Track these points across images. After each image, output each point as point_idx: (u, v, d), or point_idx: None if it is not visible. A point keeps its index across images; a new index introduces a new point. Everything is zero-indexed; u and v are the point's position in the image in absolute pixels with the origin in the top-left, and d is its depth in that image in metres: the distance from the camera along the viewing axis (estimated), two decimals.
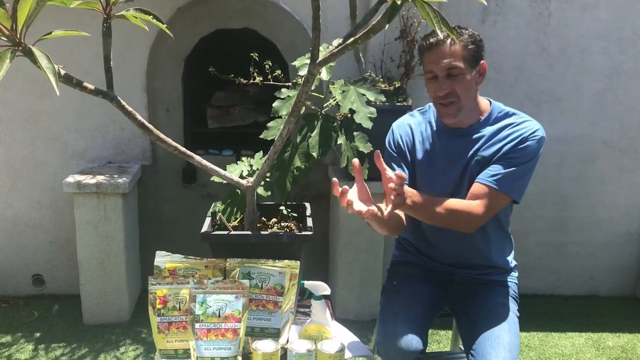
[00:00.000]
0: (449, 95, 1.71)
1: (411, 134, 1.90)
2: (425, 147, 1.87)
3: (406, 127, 1.93)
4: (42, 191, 3.31)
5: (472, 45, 1.71)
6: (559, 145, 3.34)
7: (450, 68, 1.69)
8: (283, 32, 3.17)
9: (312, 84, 1.50)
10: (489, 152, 1.77)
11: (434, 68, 1.71)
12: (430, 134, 1.87)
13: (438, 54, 1.69)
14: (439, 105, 1.76)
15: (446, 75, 1.70)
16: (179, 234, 3.39)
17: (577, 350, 2.98)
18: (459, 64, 1.69)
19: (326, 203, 3.39)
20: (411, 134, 1.90)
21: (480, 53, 1.74)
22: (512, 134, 1.75)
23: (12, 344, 2.92)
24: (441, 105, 1.75)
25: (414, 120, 1.93)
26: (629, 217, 3.50)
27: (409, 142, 1.90)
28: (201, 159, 1.61)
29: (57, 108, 3.21)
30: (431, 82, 1.75)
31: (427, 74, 1.75)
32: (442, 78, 1.71)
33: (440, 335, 3.06)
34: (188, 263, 1.60)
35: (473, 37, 1.72)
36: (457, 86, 1.70)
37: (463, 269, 1.93)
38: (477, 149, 1.78)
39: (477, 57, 1.73)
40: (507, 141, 1.75)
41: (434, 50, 1.70)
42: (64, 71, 1.31)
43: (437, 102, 1.76)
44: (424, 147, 1.87)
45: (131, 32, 3.03)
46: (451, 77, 1.70)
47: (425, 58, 1.74)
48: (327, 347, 1.44)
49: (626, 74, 3.29)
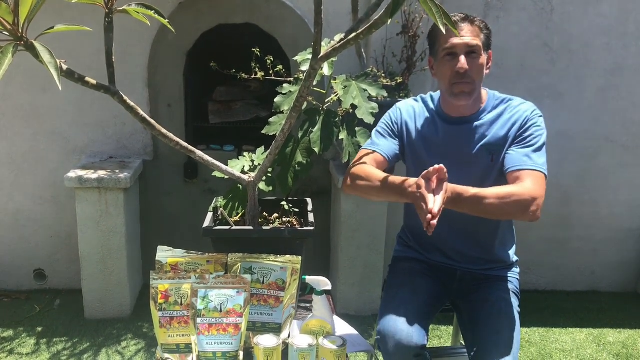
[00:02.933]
0: (467, 75, 1.72)
1: (414, 117, 1.92)
2: (426, 132, 1.88)
3: (410, 110, 1.94)
4: (44, 186, 3.31)
5: (486, 30, 1.77)
6: (561, 141, 3.33)
7: (471, 45, 1.72)
8: (285, 27, 3.16)
9: (314, 79, 1.50)
10: (497, 137, 1.79)
11: (454, 44, 1.72)
12: (432, 120, 1.89)
13: (459, 31, 1.71)
14: (454, 85, 1.75)
15: (466, 52, 1.72)
16: (181, 229, 3.40)
17: (578, 346, 2.98)
18: (478, 43, 1.73)
19: (328, 198, 3.39)
20: (414, 117, 1.92)
21: (490, 40, 1.79)
22: (514, 116, 1.79)
23: (14, 338, 2.93)
24: (457, 84, 1.74)
25: (418, 105, 1.95)
26: (630, 213, 3.50)
27: (410, 124, 1.91)
28: (203, 154, 1.61)
29: (59, 103, 3.21)
30: (448, 60, 1.75)
31: (443, 52, 1.75)
32: (462, 55, 1.72)
33: (442, 330, 3.07)
34: (190, 258, 1.61)
35: (485, 23, 1.78)
36: (474, 65, 1.73)
37: (465, 264, 1.93)
38: (483, 136, 1.80)
39: (488, 43, 1.78)
40: (512, 123, 1.78)
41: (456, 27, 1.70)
42: (65, 66, 1.31)
43: (453, 82, 1.75)
44: (425, 132, 1.88)
45: (133, 26, 3.03)
46: (470, 55, 1.72)
47: (442, 37, 1.74)
48: (329, 342, 1.45)
49: (629, 69, 3.28)
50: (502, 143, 1.78)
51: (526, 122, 1.77)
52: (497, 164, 1.79)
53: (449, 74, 1.75)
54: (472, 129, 1.82)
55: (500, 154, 1.78)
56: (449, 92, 1.79)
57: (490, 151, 1.79)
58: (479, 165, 1.81)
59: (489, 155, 1.79)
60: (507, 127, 1.78)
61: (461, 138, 1.83)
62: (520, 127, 1.77)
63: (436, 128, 1.87)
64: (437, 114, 1.89)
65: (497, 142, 1.79)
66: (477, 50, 1.73)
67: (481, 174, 1.80)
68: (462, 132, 1.83)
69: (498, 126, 1.80)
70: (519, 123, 1.77)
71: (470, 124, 1.83)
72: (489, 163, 1.80)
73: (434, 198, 1.52)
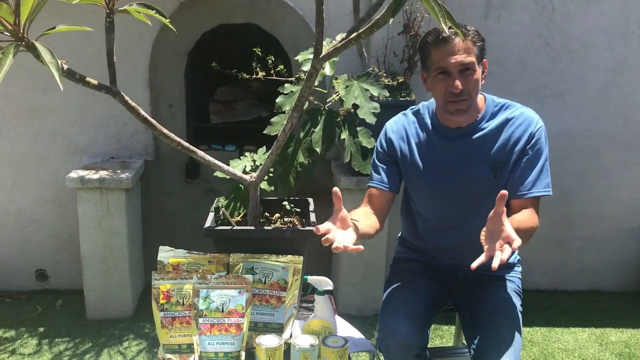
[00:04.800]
0: (462, 93, 1.66)
1: (405, 135, 1.85)
2: (423, 149, 1.82)
3: (400, 128, 1.87)
4: (45, 186, 3.31)
5: (479, 42, 1.68)
6: (563, 140, 3.33)
7: (465, 64, 1.64)
8: (286, 27, 3.16)
9: (316, 78, 1.49)
10: (501, 153, 1.74)
11: (448, 64, 1.64)
12: (428, 136, 1.82)
13: (451, 49, 1.63)
14: (449, 103, 1.69)
15: (459, 71, 1.65)
16: (182, 229, 3.40)
17: (580, 346, 2.98)
18: (472, 59, 1.65)
19: (329, 198, 3.37)
20: (405, 135, 1.85)
21: (484, 50, 1.71)
22: (517, 130, 1.74)
23: (16, 338, 2.93)
24: (452, 102, 1.69)
25: (407, 120, 1.87)
26: (632, 212, 3.49)
27: (402, 143, 1.85)
28: (204, 154, 1.61)
29: (60, 103, 3.21)
30: (441, 79, 1.68)
31: (436, 70, 1.68)
32: (456, 74, 1.65)
33: (443, 330, 3.06)
34: (191, 258, 1.61)
35: (478, 33, 1.69)
36: (468, 83, 1.66)
37: (466, 266, 1.92)
38: (486, 152, 1.75)
39: (482, 54, 1.70)
40: (516, 139, 1.73)
41: (446, 46, 1.64)
42: (67, 66, 1.31)
43: (448, 100, 1.69)
44: (421, 150, 1.82)
45: (134, 27, 3.02)
46: (463, 73, 1.65)
47: (435, 54, 1.67)
48: (331, 342, 1.44)
49: (630, 68, 3.28)
50: (507, 159, 1.73)
51: (531, 138, 1.72)
52: (501, 181, 1.74)
53: (443, 92, 1.68)
54: (472, 143, 1.76)
55: (504, 170, 1.74)
56: (444, 109, 1.72)
57: (493, 167, 1.74)
58: (480, 182, 1.76)
59: (492, 171, 1.74)
60: (512, 143, 1.73)
61: (462, 154, 1.77)
62: (525, 144, 1.72)
63: (434, 145, 1.80)
64: (434, 128, 1.81)
65: (500, 157, 1.74)
66: (471, 66, 1.65)
67: (483, 191, 1.75)
68: (462, 148, 1.77)
69: (501, 141, 1.74)
70: (524, 139, 1.72)
71: (469, 137, 1.76)
72: (492, 180, 1.74)
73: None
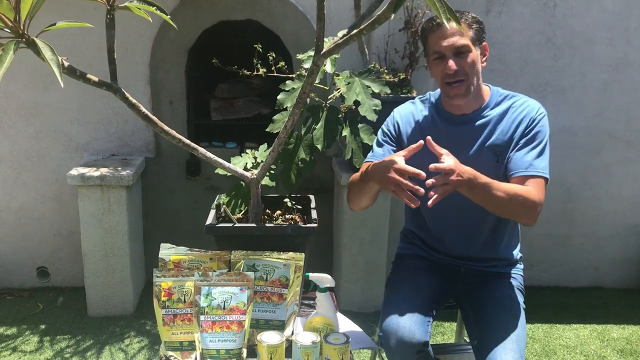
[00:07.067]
0: (458, 74, 1.72)
1: (413, 121, 1.89)
2: (428, 134, 1.83)
3: (408, 114, 1.92)
4: (46, 184, 3.31)
5: (475, 24, 1.75)
6: (564, 137, 3.32)
7: (458, 46, 1.71)
8: (287, 24, 3.16)
9: (317, 75, 1.49)
10: (503, 139, 1.77)
11: (441, 47, 1.72)
12: (433, 121, 1.87)
13: (444, 32, 1.71)
14: (447, 86, 1.76)
15: (454, 53, 1.71)
16: (183, 227, 3.39)
17: (581, 342, 2.98)
18: (466, 42, 1.71)
19: (330, 195, 3.38)
20: (413, 121, 1.89)
21: (482, 34, 1.77)
22: (519, 115, 1.78)
23: (17, 335, 2.93)
24: (449, 85, 1.74)
25: (415, 108, 1.92)
26: (634, 209, 3.49)
27: (409, 128, 1.89)
28: (205, 151, 1.61)
29: (61, 100, 3.20)
30: (438, 62, 1.75)
31: (433, 55, 1.76)
32: (450, 56, 1.72)
33: (445, 327, 3.06)
34: (193, 255, 1.60)
35: (475, 18, 1.77)
36: (464, 64, 1.72)
37: (469, 261, 1.93)
38: (488, 136, 1.78)
39: (480, 36, 1.76)
40: (517, 123, 1.77)
41: (440, 30, 1.71)
42: (67, 63, 1.30)
43: (446, 82, 1.75)
44: (426, 135, 1.83)
45: (134, 23, 3.02)
46: (459, 55, 1.72)
47: (431, 39, 1.75)
48: (332, 339, 1.44)
49: (632, 64, 3.27)
50: (507, 144, 1.77)
51: (531, 122, 1.76)
52: (503, 166, 1.77)
53: (440, 75, 1.76)
54: (475, 128, 1.80)
55: (505, 155, 1.77)
56: (444, 92, 1.80)
57: (495, 152, 1.78)
58: (483, 166, 1.76)
59: (495, 156, 1.78)
60: (513, 128, 1.77)
61: (465, 139, 1.81)
62: (525, 128, 1.76)
63: (438, 130, 1.84)
64: (438, 114, 1.87)
65: (502, 142, 1.77)
66: (465, 49, 1.71)
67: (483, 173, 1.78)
68: (465, 133, 1.81)
69: (503, 126, 1.78)
70: (525, 123, 1.76)
71: (472, 123, 1.81)
72: (494, 164, 1.77)
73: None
